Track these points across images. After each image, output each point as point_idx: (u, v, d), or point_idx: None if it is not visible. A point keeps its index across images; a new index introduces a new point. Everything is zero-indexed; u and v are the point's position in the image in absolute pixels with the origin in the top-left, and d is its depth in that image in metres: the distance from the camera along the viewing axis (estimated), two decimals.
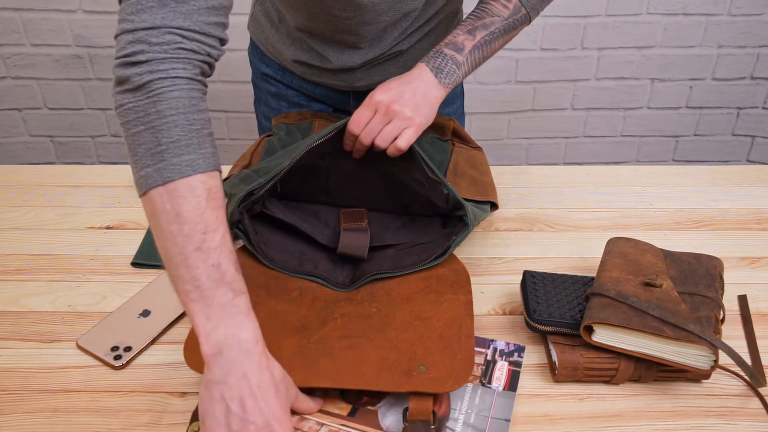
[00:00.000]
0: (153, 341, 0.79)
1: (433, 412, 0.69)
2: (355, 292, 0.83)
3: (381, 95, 0.83)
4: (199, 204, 0.62)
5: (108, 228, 0.97)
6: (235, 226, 0.83)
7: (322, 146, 0.85)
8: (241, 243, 0.86)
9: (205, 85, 0.68)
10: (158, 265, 0.90)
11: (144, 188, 0.63)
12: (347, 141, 0.85)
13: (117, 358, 0.76)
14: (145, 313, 0.81)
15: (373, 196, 0.93)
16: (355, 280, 0.85)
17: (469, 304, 0.78)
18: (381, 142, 0.83)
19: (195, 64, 0.66)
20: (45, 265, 0.90)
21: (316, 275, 0.84)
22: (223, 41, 0.69)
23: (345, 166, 0.90)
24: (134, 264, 0.90)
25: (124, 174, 1.08)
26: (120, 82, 0.64)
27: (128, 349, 0.77)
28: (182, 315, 0.82)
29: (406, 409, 0.69)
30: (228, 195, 0.88)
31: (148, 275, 0.89)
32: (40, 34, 1.89)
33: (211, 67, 0.69)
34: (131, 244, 0.94)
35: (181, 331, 0.81)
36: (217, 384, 0.61)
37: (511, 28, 0.90)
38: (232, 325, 0.62)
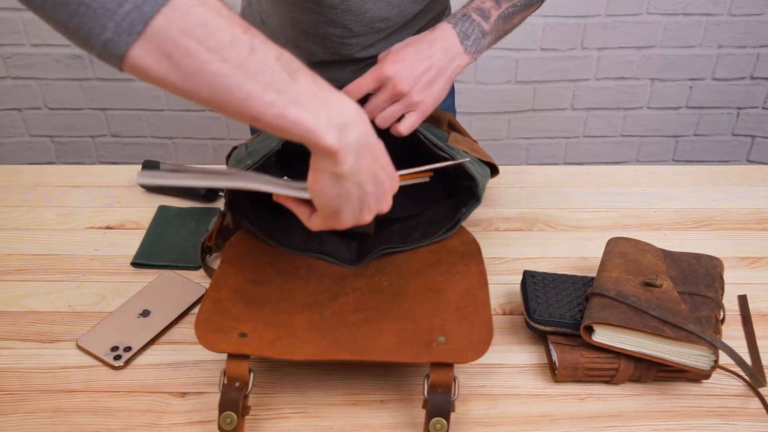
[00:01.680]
0: (153, 341, 0.79)
1: (454, 379, 0.67)
2: (363, 268, 0.82)
3: (390, 69, 0.73)
4: (216, 6, 0.50)
5: (108, 228, 0.97)
6: (233, 208, 0.82)
7: None
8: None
9: None
10: (158, 265, 0.90)
11: (131, 36, 0.47)
12: None
13: (117, 358, 0.76)
14: (145, 313, 0.81)
15: None
16: (362, 256, 0.84)
17: (483, 275, 0.77)
18: (380, 122, 0.76)
19: None
20: (45, 265, 0.90)
21: (323, 252, 0.84)
22: None
23: None
24: (134, 264, 0.90)
25: (124, 174, 1.08)
26: None
27: (128, 349, 0.77)
28: (182, 315, 0.82)
29: (426, 377, 0.68)
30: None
31: (148, 275, 0.89)
32: (40, 34, 1.89)
33: None
34: (131, 244, 0.94)
35: (181, 331, 0.81)
36: (350, 173, 0.58)
37: (530, 4, 0.84)
38: (334, 106, 0.55)
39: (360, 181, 0.59)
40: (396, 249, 0.83)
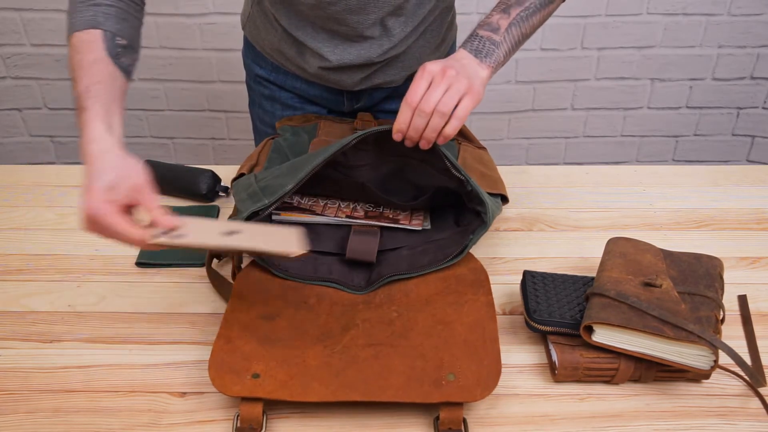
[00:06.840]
0: (236, 252, 0.77)
1: (464, 420, 0.69)
2: (372, 295, 0.82)
3: (433, 65, 0.80)
4: (75, 57, 0.78)
5: None
6: None
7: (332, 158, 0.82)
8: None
9: None
10: (164, 264, 0.89)
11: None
12: (402, 123, 0.79)
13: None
14: (231, 233, 0.73)
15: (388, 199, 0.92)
16: (371, 282, 0.84)
17: (491, 305, 0.78)
18: (443, 107, 0.78)
19: None
20: (45, 265, 0.90)
21: (331, 280, 0.84)
22: None
23: (357, 179, 0.90)
24: (138, 264, 0.90)
25: None
26: None
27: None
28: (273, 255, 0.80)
29: (436, 418, 0.69)
30: (236, 210, 0.87)
31: (149, 275, 0.89)
32: (40, 34, 1.89)
33: None
34: None
35: (181, 331, 0.81)
36: None
37: (549, 2, 0.87)
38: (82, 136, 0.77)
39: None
40: (404, 276, 0.83)
